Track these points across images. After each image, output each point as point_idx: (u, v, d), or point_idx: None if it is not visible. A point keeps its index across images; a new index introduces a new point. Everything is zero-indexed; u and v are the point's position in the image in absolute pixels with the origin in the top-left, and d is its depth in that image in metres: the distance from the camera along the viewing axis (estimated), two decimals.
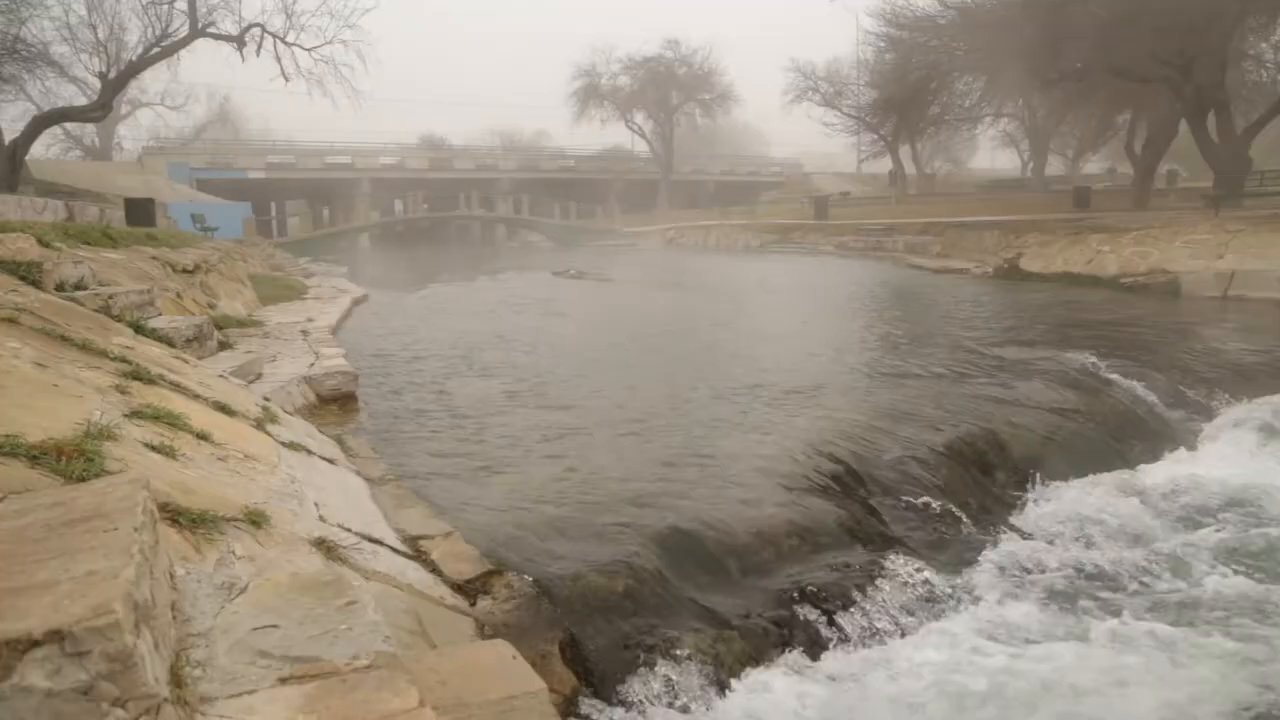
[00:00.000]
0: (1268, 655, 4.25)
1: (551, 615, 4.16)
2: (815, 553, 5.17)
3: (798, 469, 6.03)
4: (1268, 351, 10.73)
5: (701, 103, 61.10)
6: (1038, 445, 7.18)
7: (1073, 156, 56.06)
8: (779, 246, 32.20)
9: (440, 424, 7.32)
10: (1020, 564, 5.28)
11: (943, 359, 9.99)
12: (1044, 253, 19.96)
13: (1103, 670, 4.13)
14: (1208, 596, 4.96)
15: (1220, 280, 15.97)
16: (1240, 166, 26.18)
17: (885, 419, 7.36)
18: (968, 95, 39.42)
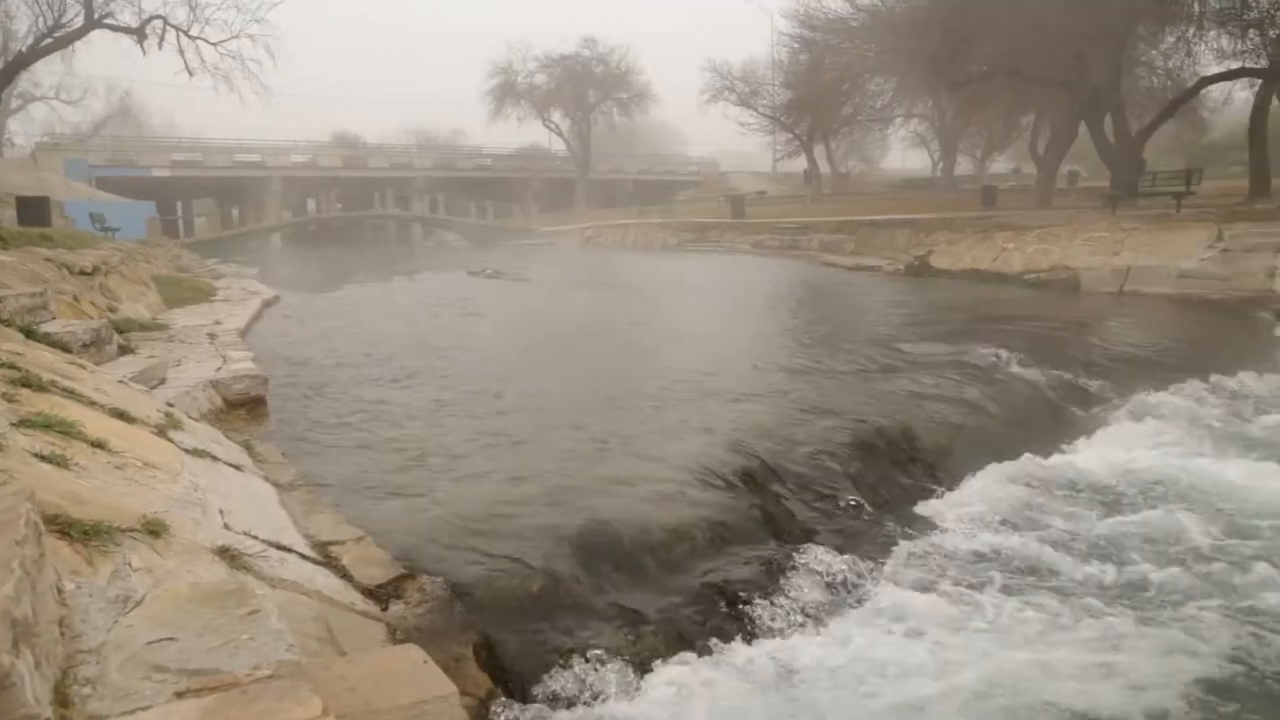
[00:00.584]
0: (1126, 640, 4.43)
1: (465, 618, 4.12)
2: (730, 547, 5.23)
3: (714, 465, 6.08)
4: (1159, 345, 11.23)
5: (619, 102, 61.22)
6: (946, 437, 7.37)
7: (980, 157, 57.78)
8: (696, 245, 32.44)
9: (353, 427, 7.19)
10: (928, 553, 5.43)
11: (856, 355, 10.19)
12: (953, 250, 20.52)
13: (994, 659, 4.26)
14: (1105, 581, 5.16)
15: (1116, 276, 16.64)
16: (1134, 167, 27.28)
17: (800, 414, 7.48)
18: (879, 96, 40.33)
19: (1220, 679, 4.14)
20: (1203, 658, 4.29)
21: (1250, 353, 11.13)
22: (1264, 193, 25.81)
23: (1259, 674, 4.20)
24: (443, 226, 53.02)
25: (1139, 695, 3.98)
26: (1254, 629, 4.56)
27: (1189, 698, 3.98)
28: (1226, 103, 35.90)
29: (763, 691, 4.02)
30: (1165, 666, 4.20)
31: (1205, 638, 4.48)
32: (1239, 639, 4.46)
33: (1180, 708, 3.91)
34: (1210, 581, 5.11)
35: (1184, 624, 4.63)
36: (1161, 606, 4.83)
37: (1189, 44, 28.44)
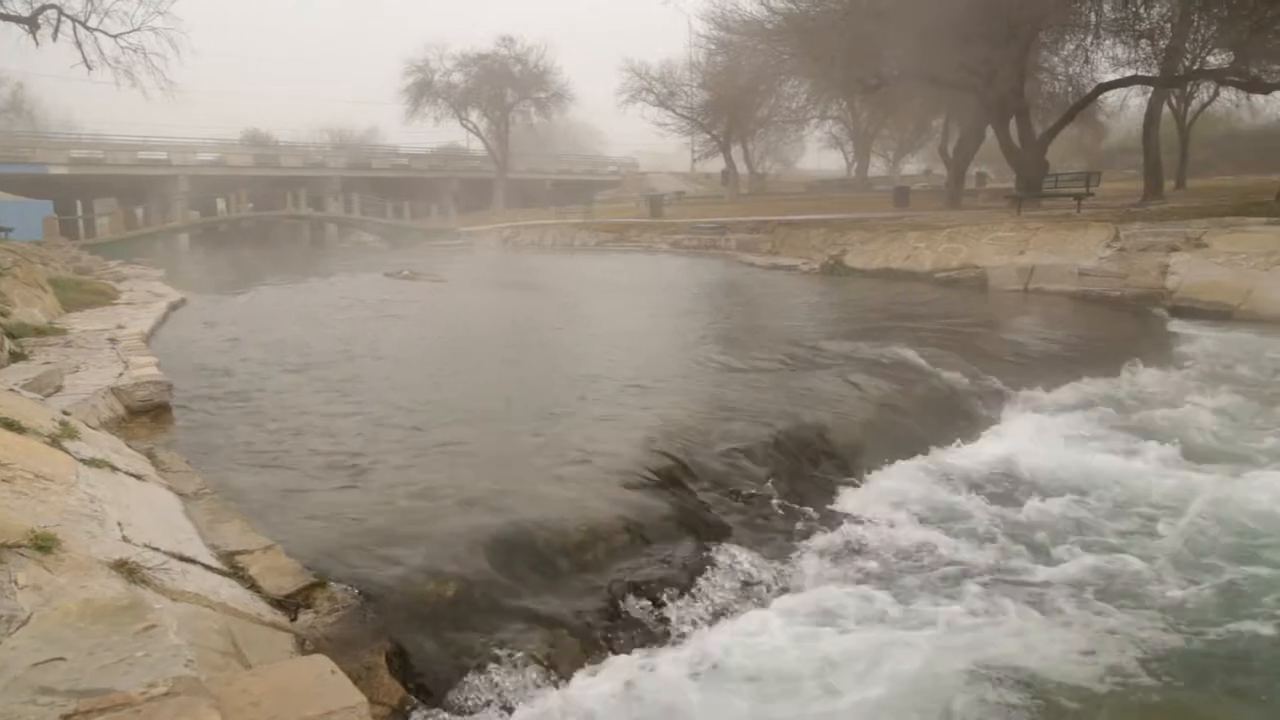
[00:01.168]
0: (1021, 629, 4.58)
1: (378, 625, 4.06)
2: (647, 546, 5.25)
3: (631, 465, 6.10)
4: (1061, 341, 11.62)
5: (537, 101, 60.84)
6: (859, 433, 7.51)
7: (893, 158, 59.09)
8: (616, 245, 32.46)
9: (263, 433, 7.02)
10: (840, 548, 5.53)
11: (772, 353, 10.31)
12: (866, 250, 20.93)
13: (904, 652, 4.37)
14: (1010, 571, 5.33)
15: (1022, 274, 17.18)
16: (1038, 169, 28.21)
17: (716, 413, 7.54)
18: (794, 98, 40.87)
19: (1123, 662, 4.32)
20: (1107, 644, 4.46)
21: (1146, 347, 11.60)
22: (1157, 194, 26.97)
23: (1162, 657, 4.38)
24: (358, 227, 51.96)
25: (1043, 683, 4.13)
26: (1154, 614, 4.76)
27: (1097, 683, 4.14)
28: (1122, 108, 37.43)
29: (678, 691, 4.05)
30: (1069, 655, 4.37)
31: (1106, 624, 4.66)
32: (1139, 625, 4.66)
33: (1088, 690, 4.06)
34: (1110, 568, 5.32)
35: (1087, 612, 4.81)
36: (1065, 596, 5.01)
37: (1087, 52, 29.58)
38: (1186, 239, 16.08)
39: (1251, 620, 4.69)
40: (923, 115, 42.36)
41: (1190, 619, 4.72)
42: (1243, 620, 4.70)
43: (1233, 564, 5.33)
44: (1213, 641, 4.52)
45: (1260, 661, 4.36)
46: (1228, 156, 40.92)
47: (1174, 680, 4.19)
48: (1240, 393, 9.34)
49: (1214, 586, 5.07)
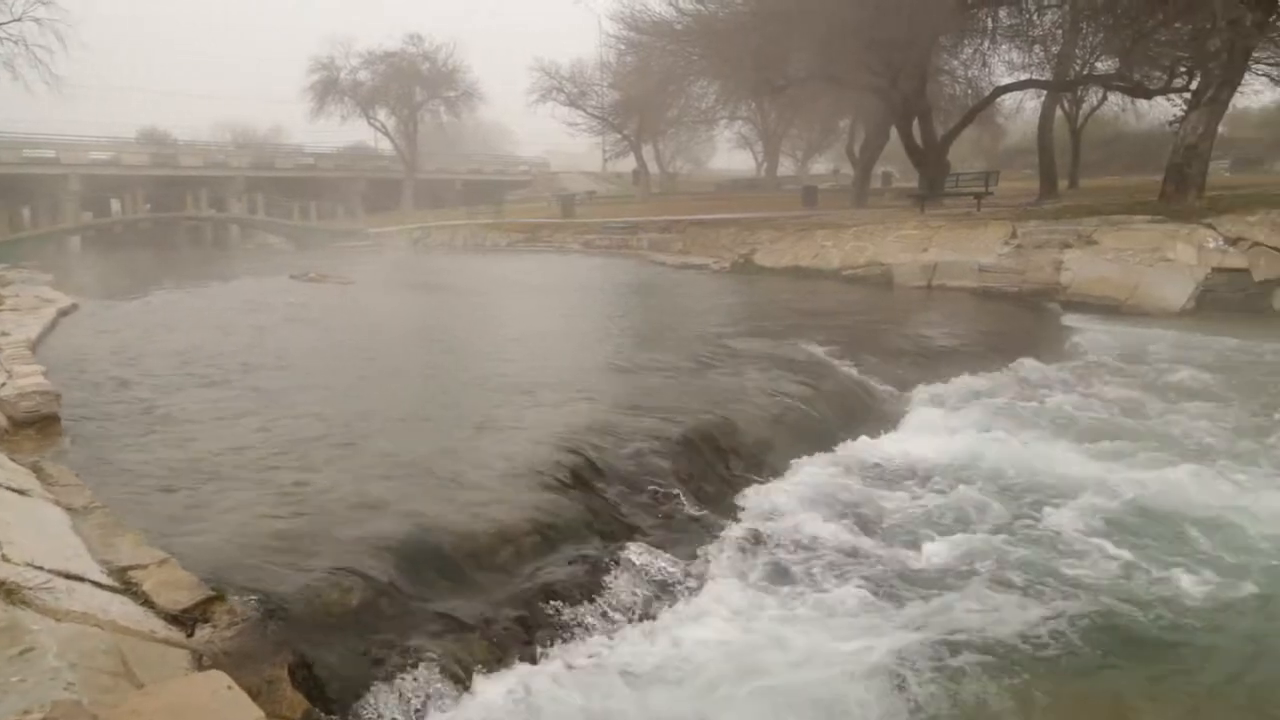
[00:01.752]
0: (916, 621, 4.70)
1: (280, 637, 3.96)
2: (556, 548, 5.23)
3: (540, 466, 6.07)
4: (962, 335, 11.99)
5: (446, 100, 60.01)
6: (768, 429, 7.61)
7: (802, 158, 60.06)
8: (527, 245, 32.28)
9: (160, 445, 6.76)
10: (748, 543, 5.60)
11: (682, 352, 10.38)
12: (775, 248, 21.24)
13: (811, 644, 4.45)
14: (914, 560, 5.46)
15: (925, 271, 17.67)
16: (940, 169, 29.04)
17: (627, 412, 7.55)
18: (704, 98, 41.15)
19: (1024, 638, 4.50)
20: (1007, 621, 4.64)
21: (1041, 341, 12.05)
22: (1052, 193, 28.02)
23: (1060, 631, 4.57)
24: (263, 229, 50.52)
25: (947, 668, 4.25)
26: (1049, 598, 4.94)
27: (998, 661, 4.28)
28: (1019, 111, 38.74)
29: (587, 693, 4.05)
30: (971, 634, 4.53)
31: (1007, 603, 4.84)
32: (1036, 606, 4.83)
33: (985, 672, 4.19)
34: (1007, 551, 5.51)
35: (988, 593, 4.97)
36: (965, 578, 5.17)
37: (984, 56, 30.59)
38: (1079, 236, 16.74)
39: (1142, 592, 4.95)
40: (830, 116, 43.13)
41: (1087, 593, 4.95)
42: (1132, 592, 4.95)
43: (1122, 542, 5.57)
44: (1106, 613, 4.74)
45: (1154, 630, 4.60)
46: (1116, 158, 42.69)
47: (1071, 653, 4.38)
48: (1125, 382, 9.79)
49: (1107, 564, 5.31)
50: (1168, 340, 12.32)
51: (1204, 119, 20.71)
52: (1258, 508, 6.01)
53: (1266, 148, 43.73)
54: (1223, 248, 15.30)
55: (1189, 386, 9.71)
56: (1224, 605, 4.83)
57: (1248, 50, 20.75)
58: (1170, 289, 15.15)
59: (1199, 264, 15.26)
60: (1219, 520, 5.88)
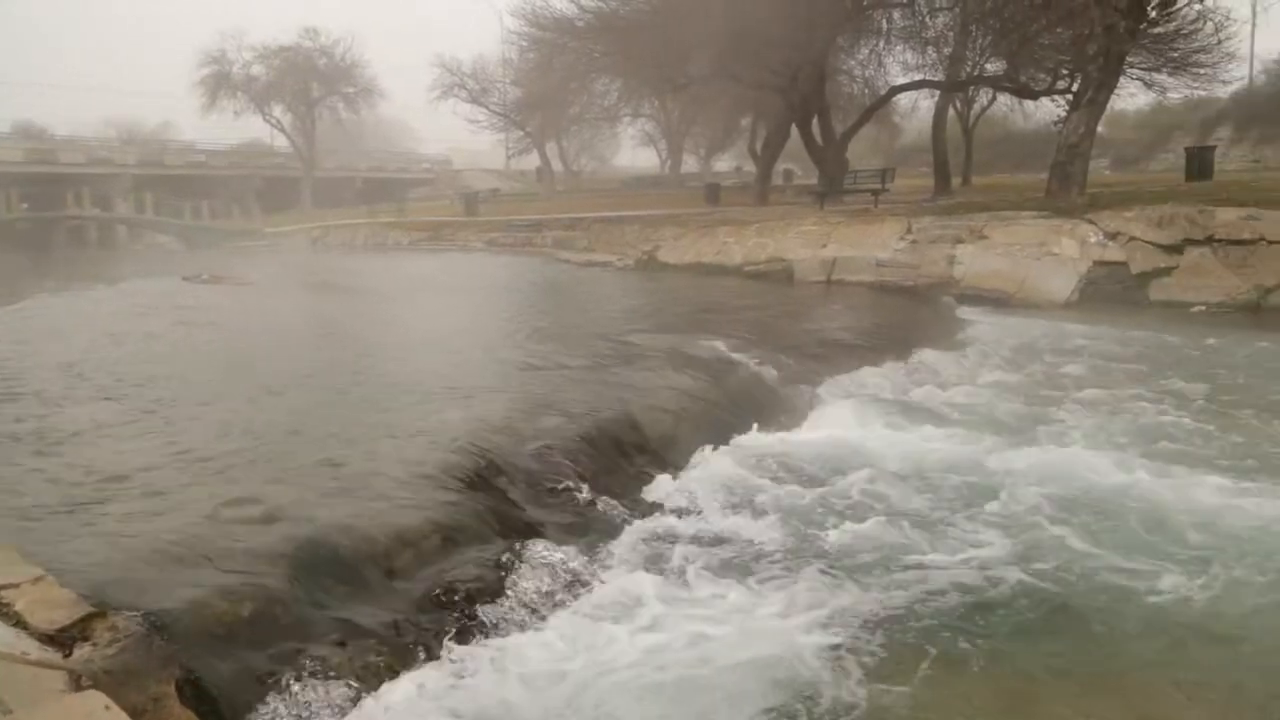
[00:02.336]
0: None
1: (167, 653, 3.79)
2: (458, 549, 5.15)
3: (442, 467, 5.98)
4: (860, 329, 12.27)
5: (345, 96, 58.74)
6: (672, 424, 7.64)
7: (705, 155, 60.59)
8: (430, 244, 31.79)
9: (35, 455, 6.41)
10: (652, 538, 5.62)
11: (586, 349, 10.36)
12: (678, 245, 21.38)
13: (710, 637, 4.48)
14: (815, 549, 5.55)
15: (825, 267, 18.02)
16: (839, 166, 29.69)
17: (530, 410, 7.49)
18: (606, 96, 41.22)
19: (918, 619, 4.62)
20: (897, 607, 4.75)
21: (936, 333, 12.42)
22: (946, 190, 28.91)
23: (957, 610, 4.71)
24: (152, 229, 48.58)
25: (840, 651, 4.33)
26: (940, 580, 5.07)
27: (894, 644, 4.38)
28: (914, 110, 39.87)
29: (487, 694, 4.00)
30: (868, 620, 4.62)
31: (904, 585, 4.98)
32: (927, 588, 4.97)
33: (875, 654, 4.28)
34: (904, 536, 5.66)
35: (886, 578, 5.09)
36: (865, 566, 5.29)
37: (880, 56, 31.41)
38: (970, 231, 17.29)
39: (1035, 572, 5.13)
40: (731, 114, 43.63)
41: (984, 574, 5.11)
42: (1027, 571, 5.13)
43: (1014, 525, 5.78)
44: (1001, 594, 4.91)
45: (1045, 605, 4.78)
46: (1006, 156, 44.28)
47: (969, 631, 4.53)
48: (1013, 371, 10.16)
49: (999, 545, 5.51)
50: (1054, 331, 12.86)
51: (1084, 119, 21.65)
52: (1137, 486, 6.30)
53: (1142, 148, 46.03)
54: (1103, 242, 16.00)
55: (1073, 374, 10.14)
56: (1113, 581, 5.02)
57: (1121, 55, 21.78)
58: (1056, 282, 15.78)
59: (1081, 258, 15.93)
60: (1103, 497, 6.14)
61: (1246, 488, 6.27)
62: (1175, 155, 35.50)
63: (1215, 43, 26.32)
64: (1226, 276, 14.93)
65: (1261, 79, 43.36)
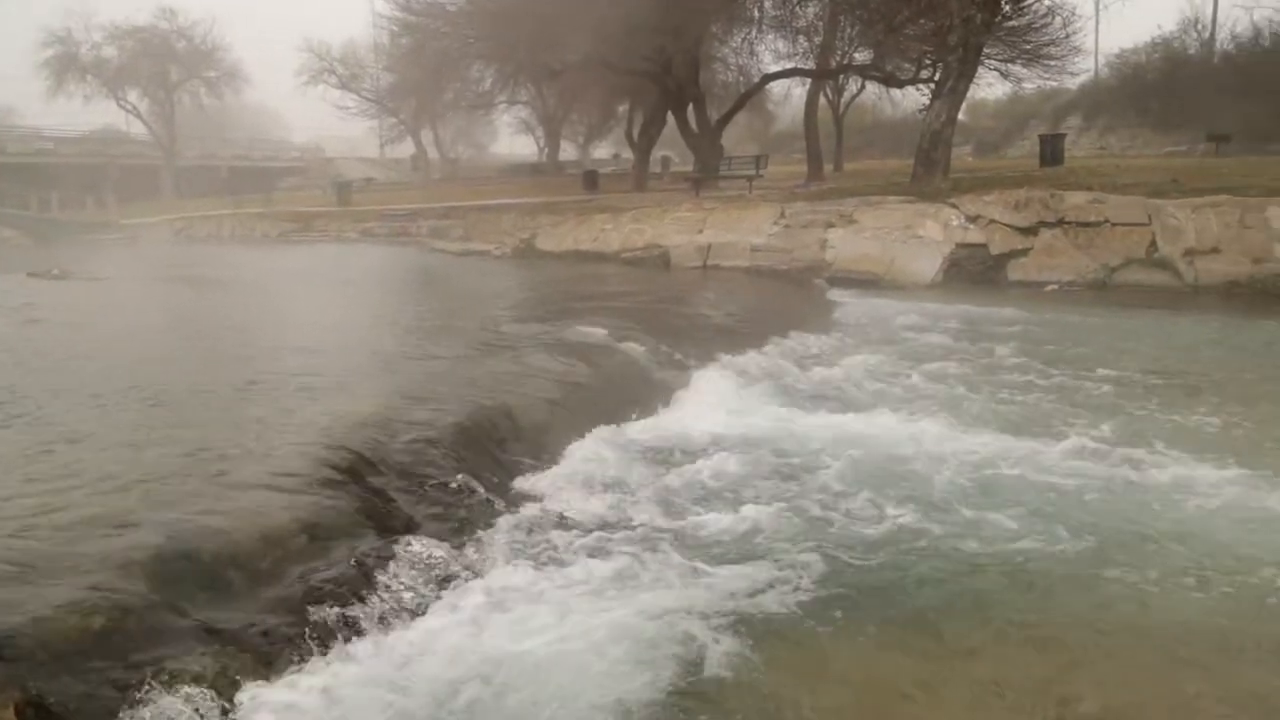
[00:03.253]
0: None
1: (7, 674, 3.57)
2: (327, 548, 5.00)
3: (310, 465, 5.79)
4: (736, 313, 12.49)
5: (206, 81, 56.20)
6: (547, 412, 7.60)
7: (583, 143, 60.43)
8: (301, 235, 30.75)
9: None
10: (528, 527, 5.59)
11: (461, 339, 10.24)
12: (556, 232, 21.31)
13: (588, 623, 4.50)
14: (691, 531, 5.63)
15: (701, 252, 18.26)
16: (715, 153, 30.06)
17: (403, 402, 7.34)
18: (481, 82, 40.64)
19: (794, 596, 4.75)
20: (782, 581, 4.88)
21: (809, 315, 12.74)
22: (818, 176, 29.63)
23: (827, 586, 4.84)
24: None
25: (704, 633, 4.40)
26: (826, 550, 5.25)
27: (768, 619, 4.48)
28: (787, 97, 40.74)
29: (356, 693, 3.92)
30: (742, 603, 4.70)
31: (781, 562, 5.10)
32: (814, 560, 5.13)
33: (743, 636, 4.37)
34: (777, 514, 5.78)
35: (761, 555, 5.22)
36: (733, 547, 5.39)
37: (752, 45, 31.94)
38: (840, 216, 17.79)
39: (904, 546, 5.34)
40: (608, 101, 43.63)
41: (854, 550, 5.29)
42: (896, 546, 5.34)
43: (882, 499, 5.99)
44: (874, 566, 5.10)
45: (911, 579, 4.96)
46: (875, 143, 45.77)
47: (835, 606, 4.67)
48: (882, 350, 10.53)
49: (868, 521, 5.70)
50: (919, 310, 13.39)
51: (946, 107, 22.53)
52: (996, 455, 6.63)
53: (1001, 135, 48.29)
54: (964, 225, 16.71)
55: (937, 351, 10.58)
56: (971, 554, 5.25)
57: (979, 47, 22.77)
58: (922, 263, 16.40)
59: (945, 240, 16.60)
60: (963, 469, 6.44)
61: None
62: (1031, 142, 37.22)
63: (1063, 36, 27.93)
64: (1076, 256, 15.81)
65: (1105, 72, 45.96)
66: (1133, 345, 10.94)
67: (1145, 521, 5.60)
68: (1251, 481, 6.07)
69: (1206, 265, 14.72)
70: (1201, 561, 5.06)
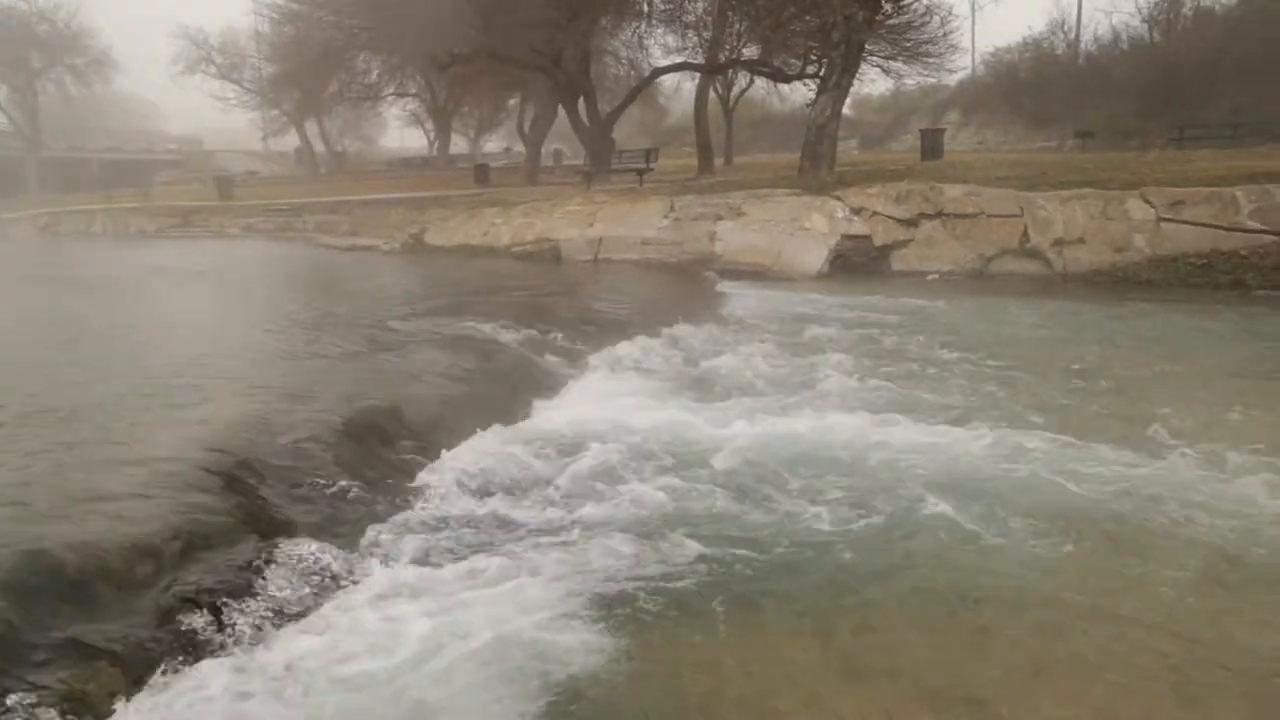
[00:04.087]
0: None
1: None
2: (203, 555, 4.85)
3: (185, 469, 5.60)
4: (627, 306, 12.57)
5: (72, 69, 53.31)
6: (436, 408, 7.51)
7: (474, 136, 59.78)
8: (180, 231, 29.53)
9: None
10: (412, 527, 5.52)
11: (348, 337, 10.02)
12: (446, 227, 21.02)
13: (463, 622, 4.47)
14: (567, 524, 5.64)
15: (592, 246, 18.28)
16: (606, 147, 30.10)
17: (285, 402, 7.16)
18: (367, 74, 39.77)
19: (681, 583, 4.80)
20: (647, 576, 4.90)
21: (699, 307, 12.90)
22: (709, 169, 29.97)
23: (712, 574, 4.92)
24: None
25: (588, 622, 4.45)
26: (715, 538, 5.34)
27: (632, 608, 4.52)
28: (678, 91, 41.10)
29: (233, 703, 3.82)
30: (624, 593, 4.75)
31: (662, 553, 5.15)
32: (701, 549, 5.21)
33: (624, 622, 4.42)
34: (663, 505, 5.85)
35: (644, 546, 5.25)
36: (627, 535, 5.42)
37: (642, 38, 32.12)
38: (729, 209, 18.05)
39: (792, 533, 5.45)
40: (499, 94, 43.25)
41: (741, 537, 5.38)
42: (783, 534, 5.44)
43: (765, 487, 6.10)
44: (756, 557, 5.17)
45: (798, 564, 5.07)
46: (765, 137, 46.57)
47: (709, 584, 4.79)
48: (770, 340, 10.75)
49: (757, 508, 5.80)
50: (805, 301, 13.70)
51: (831, 102, 23.08)
52: (881, 442, 6.85)
53: (885, 129, 49.84)
54: (849, 217, 17.15)
55: (821, 341, 10.84)
56: (852, 535, 5.41)
57: (861, 44, 23.42)
58: (808, 255, 16.76)
59: (830, 232, 17.01)
60: (841, 457, 6.62)
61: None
62: (914, 137, 38.45)
63: (941, 35, 28.98)
64: (955, 247, 16.41)
65: (982, 70, 47.84)
66: (997, 329, 11.50)
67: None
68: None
69: (1074, 254, 15.45)
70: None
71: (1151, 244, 14.91)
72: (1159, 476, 6.10)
